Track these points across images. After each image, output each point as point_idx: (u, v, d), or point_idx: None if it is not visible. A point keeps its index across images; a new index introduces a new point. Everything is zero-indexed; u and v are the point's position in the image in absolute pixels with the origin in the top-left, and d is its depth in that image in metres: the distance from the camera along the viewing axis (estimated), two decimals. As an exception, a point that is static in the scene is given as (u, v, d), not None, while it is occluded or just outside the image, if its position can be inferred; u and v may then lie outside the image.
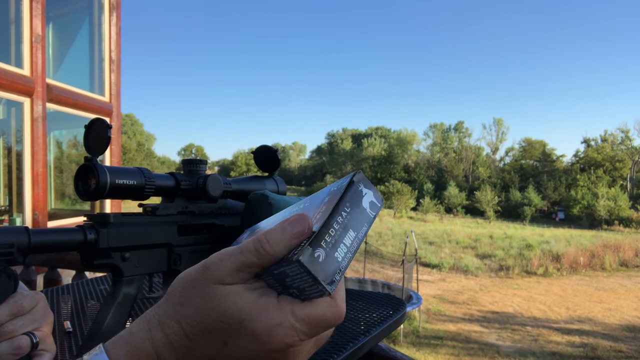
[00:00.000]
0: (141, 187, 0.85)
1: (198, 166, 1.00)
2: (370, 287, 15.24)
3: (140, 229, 0.86)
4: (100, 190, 0.78)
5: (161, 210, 0.92)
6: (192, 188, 0.97)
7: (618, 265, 26.15)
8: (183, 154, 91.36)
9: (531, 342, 13.16)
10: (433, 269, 24.14)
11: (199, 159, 1.02)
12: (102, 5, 6.03)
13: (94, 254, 0.77)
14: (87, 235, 0.75)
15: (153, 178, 0.87)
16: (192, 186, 0.97)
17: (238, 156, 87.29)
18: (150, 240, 0.87)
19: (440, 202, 57.07)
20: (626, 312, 16.51)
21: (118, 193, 0.81)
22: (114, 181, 0.79)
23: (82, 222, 0.79)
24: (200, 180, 0.98)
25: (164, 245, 0.91)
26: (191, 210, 0.98)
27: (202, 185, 0.97)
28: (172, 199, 0.95)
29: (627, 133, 66.30)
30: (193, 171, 1.00)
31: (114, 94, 6.21)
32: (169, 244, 0.92)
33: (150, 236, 0.87)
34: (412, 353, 11.86)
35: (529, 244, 29.88)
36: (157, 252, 0.89)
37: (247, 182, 1.14)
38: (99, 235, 0.77)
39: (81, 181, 0.80)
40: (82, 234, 0.75)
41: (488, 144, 77.85)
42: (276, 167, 1.23)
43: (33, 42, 4.65)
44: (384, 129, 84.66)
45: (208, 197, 0.98)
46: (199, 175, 0.99)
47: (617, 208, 48.73)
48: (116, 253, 0.80)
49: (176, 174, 0.96)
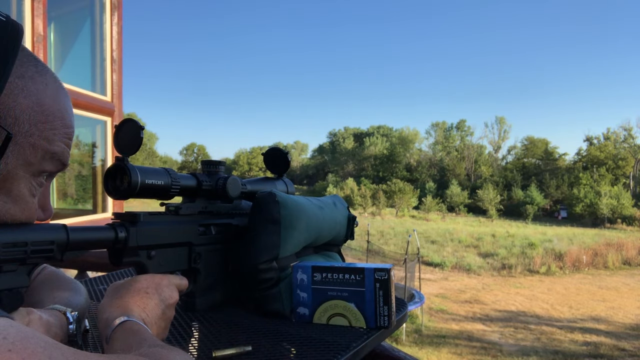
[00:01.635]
0: (168, 187, 0.87)
1: (217, 167, 1.04)
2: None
3: (166, 228, 0.88)
4: (132, 190, 0.80)
5: (184, 210, 0.95)
6: (212, 189, 1.01)
7: (621, 264, 26.08)
8: (185, 154, 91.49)
9: (534, 341, 13.14)
10: (435, 268, 24.13)
11: (218, 161, 1.05)
12: (104, 4, 6.03)
13: (123, 252, 0.79)
14: (118, 233, 0.77)
15: (178, 179, 0.90)
16: (212, 187, 1.01)
17: (240, 155, 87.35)
18: (174, 239, 0.90)
19: (442, 201, 57.01)
20: (629, 310, 16.47)
21: (147, 192, 0.83)
22: (144, 181, 0.81)
23: (110, 220, 0.81)
24: (220, 181, 1.01)
25: (186, 244, 0.94)
26: (210, 210, 1.02)
27: (222, 187, 1.00)
28: (194, 199, 0.98)
29: (629, 131, 66.14)
30: (212, 172, 1.03)
31: (116, 94, 6.22)
32: (190, 242, 0.95)
33: (174, 235, 0.90)
34: (415, 352, 11.85)
35: (532, 242, 29.83)
36: (179, 250, 0.93)
37: (260, 183, 1.18)
38: (129, 234, 0.78)
39: (111, 180, 0.82)
40: (114, 232, 0.77)
41: (490, 142, 77.77)
42: (286, 169, 1.27)
43: (35, 42, 4.66)
44: (385, 127, 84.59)
45: (227, 197, 1.01)
46: (218, 176, 1.03)
47: (620, 206, 48.59)
48: (143, 251, 0.82)
49: (198, 175, 0.99)
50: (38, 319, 0.68)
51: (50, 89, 0.63)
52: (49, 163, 0.63)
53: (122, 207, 6.07)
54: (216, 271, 1.04)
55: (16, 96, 0.58)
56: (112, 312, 0.70)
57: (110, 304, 0.72)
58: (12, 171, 0.59)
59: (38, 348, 0.40)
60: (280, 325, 0.99)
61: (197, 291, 1.01)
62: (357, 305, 0.98)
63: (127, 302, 0.72)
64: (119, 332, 0.66)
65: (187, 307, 1.03)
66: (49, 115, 0.62)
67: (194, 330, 0.96)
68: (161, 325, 0.76)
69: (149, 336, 0.66)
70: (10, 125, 0.58)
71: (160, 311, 0.75)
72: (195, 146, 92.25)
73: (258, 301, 1.05)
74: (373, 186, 59.46)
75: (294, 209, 1.06)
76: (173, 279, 0.82)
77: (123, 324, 0.67)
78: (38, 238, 0.63)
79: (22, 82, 0.59)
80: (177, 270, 0.92)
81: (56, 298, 0.83)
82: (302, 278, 1.02)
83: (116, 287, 0.77)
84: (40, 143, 0.61)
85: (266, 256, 1.02)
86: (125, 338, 0.64)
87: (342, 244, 1.32)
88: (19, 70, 0.59)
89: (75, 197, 6.58)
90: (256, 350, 0.84)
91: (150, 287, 0.77)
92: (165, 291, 0.78)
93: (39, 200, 0.67)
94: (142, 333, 0.66)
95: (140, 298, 0.74)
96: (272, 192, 1.05)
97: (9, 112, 0.57)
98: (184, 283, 0.85)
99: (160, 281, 0.79)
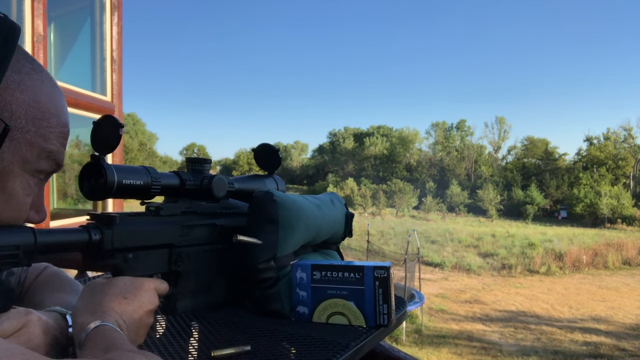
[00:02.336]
0: (147, 187, 0.84)
1: (202, 165, 0.99)
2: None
3: (145, 229, 0.84)
4: (107, 190, 0.77)
5: (165, 210, 0.91)
6: (197, 188, 0.96)
7: (621, 264, 26.08)
8: (185, 154, 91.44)
9: (534, 341, 13.14)
10: (435, 268, 24.13)
11: (204, 158, 1.01)
12: (104, 5, 6.03)
13: (97, 255, 0.76)
14: (92, 235, 0.74)
15: (159, 177, 0.86)
16: (196, 186, 0.96)
17: (240, 155, 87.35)
18: (153, 241, 0.86)
19: (442, 201, 56.98)
20: (629, 310, 16.47)
21: (124, 192, 0.80)
22: (121, 181, 0.78)
23: (86, 221, 0.78)
24: (205, 180, 0.97)
25: (166, 246, 0.90)
26: (194, 211, 0.98)
27: (207, 186, 0.96)
28: (176, 198, 0.94)
29: (630, 131, 66.08)
30: (197, 170, 0.99)
31: (116, 94, 6.21)
32: (171, 244, 0.91)
33: (154, 237, 0.86)
34: (415, 352, 11.84)
35: (532, 242, 29.83)
36: (159, 252, 0.88)
37: (248, 181, 1.15)
38: (103, 236, 0.75)
39: (86, 180, 0.79)
40: (87, 235, 0.73)
41: (490, 142, 77.74)
42: (277, 166, 1.23)
43: (35, 42, 4.65)
44: (385, 127, 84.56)
45: (212, 197, 0.97)
46: (203, 175, 0.98)
47: (620, 206, 48.58)
48: (120, 254, 0.79)
49: (181, 173, 0.95)
50: (37, 319, 0.66)
51: (46, 86, 0.62)
52: (44, 162, 0.63)
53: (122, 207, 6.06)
54: (200, 273, 1.00)
55: (13, 90, 0.58)
56: (88, 316, 0.67)
57: (86, 307, 0.69)
58: (8, 167, 0.59)
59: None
60: (280, 325, 0.99)
61: (178, 294, 0.96)
62: (357, 304, 0.98)
63: (103, 307, 0.69)
64: (92, 337, 0.63)
65: (166, 310, 0.97)
66: (45, 112, 0.62)
67: (193, 329, 0.95)
68: (139, 332, 0.74)
69: (123, 341, 0.63)
70: (7, 119, 0.57)
71: (138, 317, 0.72)
72: (195, 146, 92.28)
73: (257, 300, 1.05)
74: (373, 186, 59.48)
75: (292, 208, 1.05)
76: (153, 282, 0.79)
77: (97, 329, 0.64)
78: (1, 242, 0.59)
79: (18, 76, 0.59)
80: (157, 273, 0.88)
81: (57, 300, 0.81)
82: (302, 276, 1.01)
83: (92, 288, 0.73)
84: (36, 140, 0.61)
85: (264, 256, 1.01)
86: (97, 343, 0.62)
87: (341, 242, 1.31)
88: (16, 65, 0.58)
89: (76, 197, 6.58)
90: (255, 350, 0.84)
91: (129, 292, 0.73)
92: (145, 296, 0.75)
93: (33, 202, 0.66)
94: (115, 339, 0.63)
95: (117, 303, 0.71)
96: (270, 192, 1.04)
97: (5, 106, 0.57)
98: (164, 287, 0.82)
99: (140, 285, 0.76)
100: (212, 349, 0.82)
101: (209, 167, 1.02)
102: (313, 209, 1.13)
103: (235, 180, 1.09)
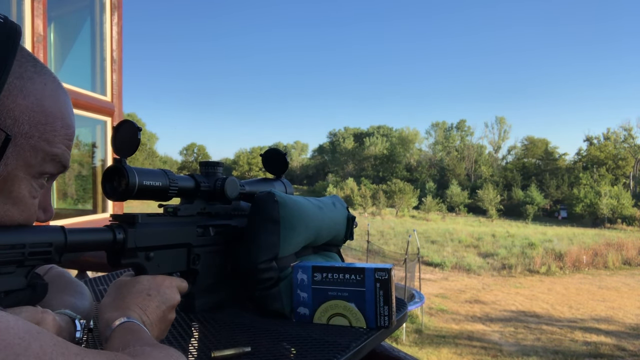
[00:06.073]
0: (166, 189, 0.87)
1: (215, 168, 1.04)
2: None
3: (165, 229, 0.88)
4: (129, 191, 0.80)
5: (182, 211, 0.95)
6: (211, 190, 1.01)
7: (621, 264, 26.08)
8: (185, 154, 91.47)
9: (534, 341, 13.14)
10: (435, 268, 24.13)
11: (216, 162, 1.05)
12: (104, 5, 6.03)
13: (121, 253, 0.79)
14: (116, 235, 0.77)
15: (176, 180, 0.90)
16: (210, 188, 1.00)
17: (240, 155, 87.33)
18: (173, 241, 0.90)
19: (442, 201, 56.99)
20: (629, 310, 16.47)
21: (145, 194, 0.83)
22: (142, 182, 0.81)
23: (109, 221, 0.81)
24: (218, 182, 1.01)
25: (185, 245, 0.94)
26: (209, 212, 1.02)
27: (220, 188, 1.00)
28: (192, 200, 0.98)
29: (629, 131, 66.11)
30: (210, 173, 1.03)
31: (116, 94, 6.21)
32: (189, 244, 0.95)
33: (173, 236, 0.90)
34: (415, 352, 11.84)
35: (532, 242, 29.84)
36: (178, 252, 0.93)
37: (258, 184, 1.18)
38: (127, 235, 0.78)
39: (108, 182, 0.82)
40: (112, 234, 0.77)
41: (490, 142, 77.76)
42: (284, 170, 1.27)
43: (35, 42, 4.65)
44: (385, 127, 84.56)
45: (225, 199, 1.01)
46: (216, 177, 1.03)
47: (620, 206, 48.59)
48: (142, 252, 0.82)
49: (196, 176, 0.99)
50: (52, 319, 0.68)
51: (49, 89, 0.62)
52: (49, 165, 0.63)
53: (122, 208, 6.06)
54: (215, 272, 1.04)
55: (15, 97, 0.57)
56: (113, 312, 0.71)
57: (112, 304, 0.73)
58: (12, 173, 0.59)
59: (16, 339, 0.40)
60: (280, 325, 0.99)
61: (196, 292, 1.01)
62: (358, 305, 0.98)
63: (128, 303, 0.73)
64: (117, 333, 0.66)
65: (185, 308, 1.03)
66: (49, 116, 0.61)
67: (194, 330, 0.96)
68: (161, 327, 0.77)
69: (146, 336, 0.66)
70: (10, 127, 0.57)
71: (161, 313, 0.76)
72: (195, 146, 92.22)
73: (258, 301, 1.05)
74: (373, 186, 59.47)
75: (294, 208, 1.06)
76: (174, 280, 0.83)
77: (122, 325, 0.68)
78: (36, 240, 0.63)
79: (20, 82, 0.58)
80: (176, 272, 0.92)
81: (64, 302, 0.83)
82: (303, 278, 1.01)
83: (118, 286, 0.78)
84: (40, 145, 0.60)
85: (266, 256, 1.01)
86: (122, 338, 0.65)
87: (342, 244, 1.31)
88: (17, 70, 0.58)
89: (76, 197, 6.57)
90: (256, 350, 0.84)
91: (152, 289, 0.77)
92: (167, 293, 0.79)
93: (40, 202, 0.66)
94: (139, 333, 0.66)
95: (141, 299, 0.75)
96: (272, 192, 1.05)
97: (8, 113, 0.57)
98: (184, 285, 0.85)
99: (161, 282, 0.79)
100: (213, 349, 0.82)
101: (221, 169, 1.06)
102: (314, 211, 1.14)
103: (245, 183, 1.13)
